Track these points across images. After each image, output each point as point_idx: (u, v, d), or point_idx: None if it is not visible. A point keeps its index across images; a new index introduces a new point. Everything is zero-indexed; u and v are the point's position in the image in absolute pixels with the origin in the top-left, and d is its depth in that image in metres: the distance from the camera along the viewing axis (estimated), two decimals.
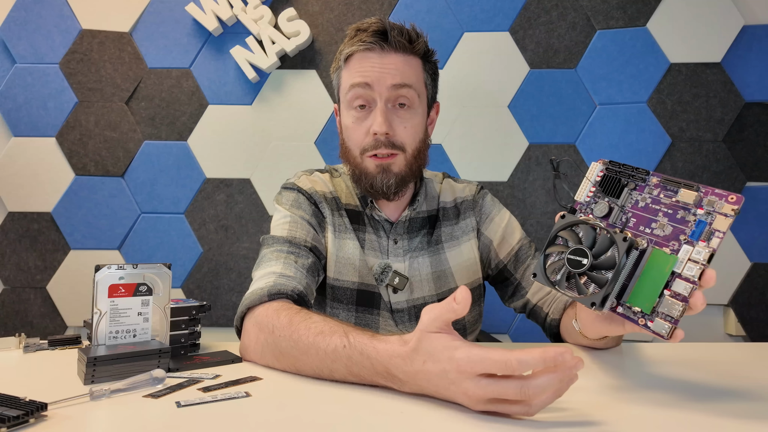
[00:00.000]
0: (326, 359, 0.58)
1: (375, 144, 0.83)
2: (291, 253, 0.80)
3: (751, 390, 0.55)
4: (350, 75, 0.85)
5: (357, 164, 0.87)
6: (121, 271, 0.65)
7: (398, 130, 0.84)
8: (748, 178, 1.48)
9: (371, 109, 0.84)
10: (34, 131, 1.57)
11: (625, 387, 0.57)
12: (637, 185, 0.54)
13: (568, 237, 0.54)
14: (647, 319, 0.49)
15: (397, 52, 0.84)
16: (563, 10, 1.54)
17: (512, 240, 0.94)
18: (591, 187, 0.57)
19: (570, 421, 0.46)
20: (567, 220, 0.55)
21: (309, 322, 0.62)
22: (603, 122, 1.51)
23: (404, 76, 0.84)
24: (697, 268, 0.47)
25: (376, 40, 0.83)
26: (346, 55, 0.85)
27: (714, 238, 0.47)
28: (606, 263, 0.50)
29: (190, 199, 1.57)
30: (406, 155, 0.85)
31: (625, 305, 0.50)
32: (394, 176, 0.85)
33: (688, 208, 0.50)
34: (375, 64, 0.83)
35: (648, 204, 0.53)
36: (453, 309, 0.48)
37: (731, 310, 1.47)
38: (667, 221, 0.51)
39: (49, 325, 1.55)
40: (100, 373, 0.58)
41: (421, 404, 0.50)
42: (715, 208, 0.48)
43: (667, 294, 0.48)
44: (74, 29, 1.58)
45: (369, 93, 0.83)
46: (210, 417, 0.47)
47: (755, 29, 1.48)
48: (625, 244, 0.49)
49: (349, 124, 0.86)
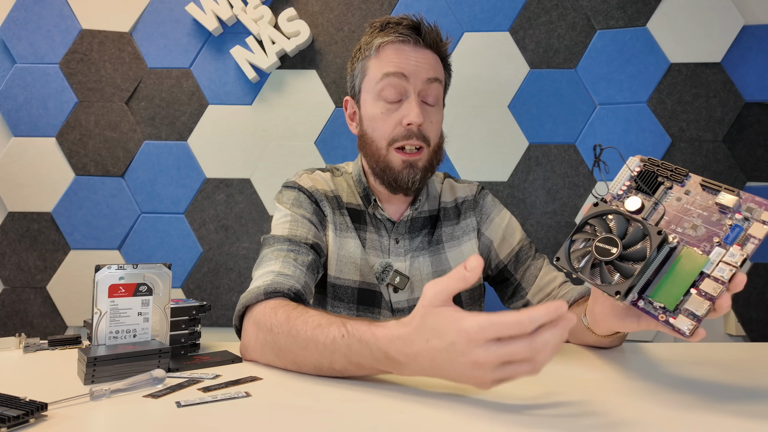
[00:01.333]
0: (325, 351, 0.58)
1: (407, 134, 0.84)
2: (291, 251, 0.81)
3: (751, 390, 0.55)
4: (383, 64, 0.85)
5: (381, 156, 0.86)
6: (121, 271, 0.65)
7: (426, 124, 0.86)
8: (748, 178, 1.48)
9: (402, 101, 0.85)
10: (34, 131, 1.57)
11: (626, 387, 0.57)
12: (674, 184, 0.54)
13: (598, 225, 0.53)
14: (669, 315, 0.48)
15: (428, 49, 0.86)
16: (563, 10, 1.54)
17: (512, 240, 0.94)
18: (626, 180, 0.57)
19: (570, 421, 0.46)
20: (600, 208, 0.54)
21: (306, 317, 0.63)
22: (603, 122, 1.51)
23: (436, 71, 0.86)
24: (728, 270, 0.46)
25: (411, 33, 0.84)
26: (379, 43, 0.85)
27: (749, 243, 0.47)
28: (636, 255, 0.50)
29: (190, 199, 1.57)
30: (429, 150, 0.87)
31: (647, 300, 0.50)
32: (420, 171, 0.86)
33: (725, 211, 0.49)
34: (411, 56, 0.84)
35: (683, 204, 0.52)
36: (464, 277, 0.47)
37: (731, 310, 1.47)
38: (701, 222, 0.50)
39: (49, 325, 1.55)
40: (100, 373, 0.58)
41: (421, 404, 0.50)
42: (753, 215, 0.48)
43: (693, 292, 0.47)
44: (74, 29, 1.58)
45: (404, 84, 0.84)
46: (210, 417, 0.47)
47: (755, 29, 1.48)
48: (659, 237, 0.49)
49: (377, 114, 0.86)
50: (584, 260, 0.53)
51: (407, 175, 0.85)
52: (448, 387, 0.56)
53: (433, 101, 0.87)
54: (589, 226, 0.54)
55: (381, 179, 0.88)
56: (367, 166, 0.92)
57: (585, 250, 0.53)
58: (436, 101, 0.87)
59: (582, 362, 0.68)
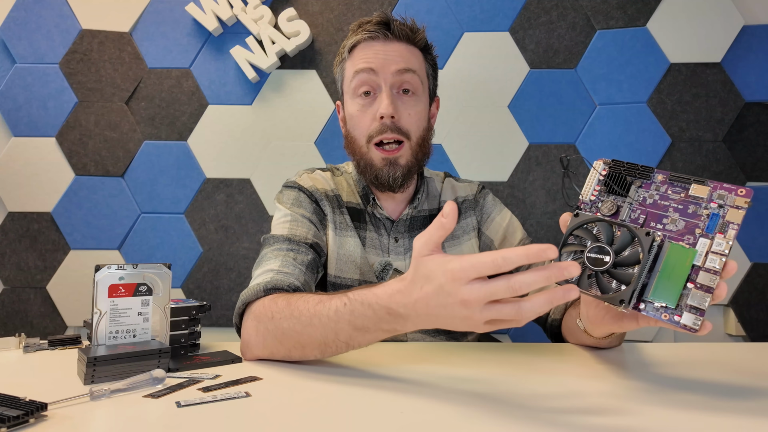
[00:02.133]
0: (329, 323, 0.59)
1: (381, 128, 0.84)
2: (290, 250, 0.81)
3: (751, 390, 0.55)
4: (354, 63, 0.86)
5: (362, 154, 0.87)
6: (121, 271, 0.65)
7: (403, 116, 0.86)
8: (748, 178, 1.48)
9: (376, 95, 0.86)
10: (34, 131, 1.57)
11: (626, 387, 0.57)
12: (643, 182, 0.54)
13: (583, 235, 0.53)
14: (672, 314, 0.48)
15: (399, 41, 0.86)
16: (563, 10, 1.54)
17: (513, 240, 0.94)
18: (596, 185, 0.57)
19: (570, 421, 0.46)
20: (581, 218, 0.54)
21: (307, 297, 0.64)
22: (603, 122, 1.51)
23: (408, 62, 0.86)
24: (719, 259, 0.47)
25: (379, 29, 0.85)
26: (350, 45, 0.87)
27: (730, 230, 0.48)
28: (629, 260, 0.50)
29: (190, 199, 1.57)
30: (411, 143, 0.87)
31: (648, 301, 0.50)
32: (401, 168, 0.86)
33: (699, 202, 0.50)
34: (379, 51, 0.85)
35: (656, 200, 0.53)
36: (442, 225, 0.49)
37: (731, 310, 1.47)
38: (678, 216, 0.51)
39: (49, 325, 1.55)
40: (100, 373, 0.58)
41: (421, 404, 0.50)
42: (726, 201, 0.49)
43: (691, 287, 0.48)
44: (74, 29, 1.58)
45: (373, 78, 0.85)
46: (210, 417, 0.47)
47: (755, 29, 1.48)
48: (648, 238, 0.49)
49: (354, 112, 0.87)
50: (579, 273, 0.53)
51: (388, 173, 0.85)
52: (447, 387, 0.56)
53: (411, 91, 0.87)
54: (575, 238, 0.54)
55: (365, 176, 0.90)
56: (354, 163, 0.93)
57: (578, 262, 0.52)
58: (414, 91, 0.87)
59: (581, 362, 0.68)
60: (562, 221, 0.57)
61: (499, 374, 0.61)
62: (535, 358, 0.69)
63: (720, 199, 0.49)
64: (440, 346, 0.78)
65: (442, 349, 0.76)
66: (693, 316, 0.47)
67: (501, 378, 0.59)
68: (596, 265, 0.51)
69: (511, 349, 0.76)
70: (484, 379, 0.59)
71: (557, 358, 0.70)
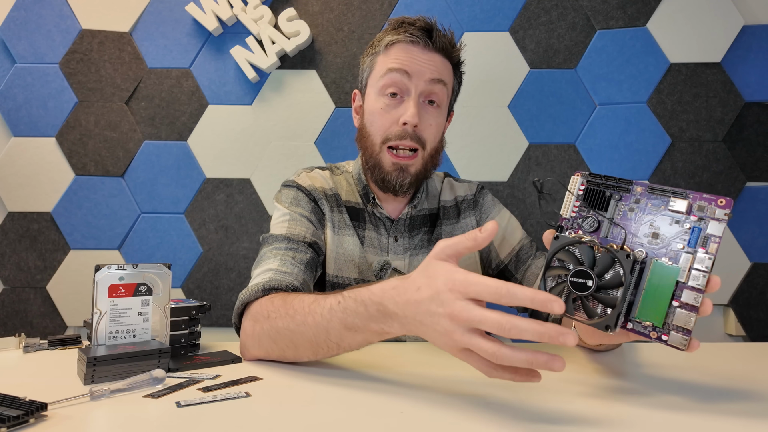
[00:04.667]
0: (322, 321, 0.58)
1: (401, 134, 0.84)
2: (289, 249, 0.81)
3: (751, 390, 0.55)
4: (389, 60, 0.85)
5: (374, 153, 0.87)
6: (121, 271, 0.65)
7: (424, 126, 0.86)
8: (748, 178, 1.48)
9: (402, 99, 0.85)
10: (34, 131, 1.57)
11: (625, 388, 0.57)
12: (622, 196, 0.53)
13: (565, 258, 0.52)
14: (660, 333, 0.48)
15: (438, 52, 0.86)
16: (563, 10, 1.54)
17: (513, 240, 0.94)
18: (575, 201, 0.56)
19: (569, 421, 0.46)
20: (561, 241, 0.53)
21: (303, 296, 0.64)
22: (603, 122, 1.51)
23: (441, 74, 0.86)
24: (702, 276, 0.46)
25: (422, 35, 0.85)
26: (388, 41, 0.86)
27: (711, 243, 0.47)
28: (611, 282, 0.49)
29: (190, 199, 1.57)
30: (424, 153, 0.87)
31: (635, 320, 0.49)
32: (410, 176, 0.86)
33: (680, 215, 0.49)
34: (417, 56, 0.85)
35: (636, 213, 0.52)
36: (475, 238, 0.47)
37: (731, 310, 1.47)
38: (659, 230, 0.50)
39: (49, 325, 1.55)
40: (100, 373, 0.58)
41: (421, 404, 0.50)
42: (706, 213, 0.48)
43: (676, 305, 0.47)
44: (74, 29, 1.58)
45: (405, 82, 0.84)
46: (210, 417, 0.47)
47: (755, 29, 1.48)
48: (629, 261, 0.48)
49: (376, 110, 0.86)
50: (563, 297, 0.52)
51: (396, 178, 0.85)
52: (447, 387, 0.56)
53: (436, 103, 0.87)
54: (557, 260, 0.53)
55: (371, 175, 0.89)
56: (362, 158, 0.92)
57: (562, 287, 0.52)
58: (440, 103, 0.87)
59: (580, 362, 0.68)
60: (546, 240, 0.56)
61: None
62: None
63: (700, 211, 0.48)
64: None
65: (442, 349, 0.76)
66: (680, 336, 0.47)
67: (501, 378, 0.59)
68: (580, 289, 0.50)
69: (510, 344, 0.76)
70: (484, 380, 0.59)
71: None
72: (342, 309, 0.57)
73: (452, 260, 0.49)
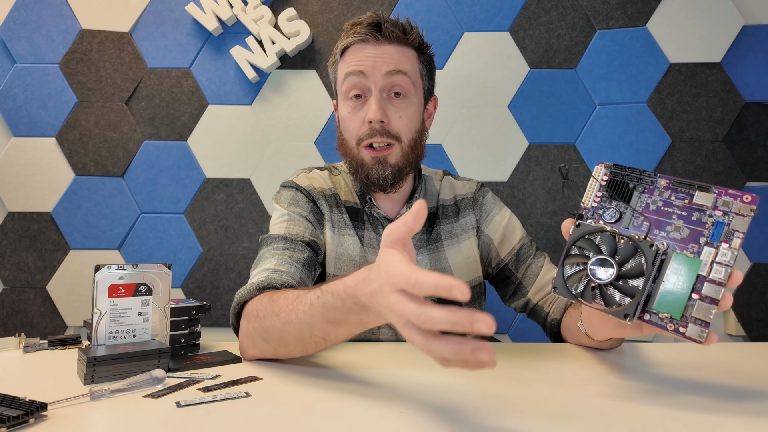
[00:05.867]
0: (305, 318, 0.58)
1: (370, 133, 0.84)
2: (286, 249, 0.81)
3: (751, 390, 0.55)
4: (345, 65, 0.86)
5: (353, 155, 0.87)
6: (121, 271, 0.65)
7: (393, 119, 0.85)
8: (748, 178, 1.48)
9: (366, 98, 0.85)
10: (34, 131, 1.57)
11: (626, 387, 0.57)
12: (646, 188, 0.53)
13: (586, 246, 0.52)
14: (678, 325, 0.48)
15: (391, 43, 0.85)
16: (563, 10, 1.54)
17: (513, 239, 0.94)
18: (597, 191, 0.55)
19: (569, 421, 0.46)
20: (583, 229, 0.53)
21: (288, 293, 0.63)
22: (603, 122, 1.51)
23: (398, 64, 0.85)
24: (724, 270, 0.46)
25: (370, 31, 0.84)
26: (342, 47, 0.87)
27: (735, 238, 0.47)
28: (633, 272, 0.49)
29: (190, 199, 1.57)
30: (402, 145, 0.86)
31: (652, 312, 0.49)
32: (390, 167, 0.85)
33: (704, 209, 0.49)
34: (369, 54, 0.84)
35: (660, 207, 0.52)
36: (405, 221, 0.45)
37: (731, 310, 1.47)
38: (682, 224, 0.50)
39: (49, 325, 1.55)
40: (100, 373, 0.58)
41: (421, 404, 0.50)
42: (731, 208, 0.48)
43: (696, 298, 0.47)
44: (74, 29, 1.58)
45: (363, 81, 0.84)
46: (210, 417, 0.47)
47: (755, 29, 1.48)
48: (652, 250, 0.48)
49: (345, 115, 0.87)
50: (582, 284, 0.52)
51: (377, 171, 0.85)
52: (447, 387, 0.56)
53: (402, 94, 0.85)
54: (577, 248, 0.53)
55: (356, 177, 0.89)
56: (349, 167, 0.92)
57: (581, 274, 0.52)
58: (405, 93, 0.86)
59: (581, 363, 0.68)
60: (564, 228, 0.56)
61: (499, 374, 0.61)
62: (534, 358, 0.69)
63: (725, 206, 0.48)
64: None
65: None
66: (698, 328, 0.47)
67: (500, 378, 0.59)
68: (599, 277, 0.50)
69: (510, 349, 0.76)
70: (484, 379, 0.59)
71: (557, 358, 0.70)
72: (321, 304, 0.56)
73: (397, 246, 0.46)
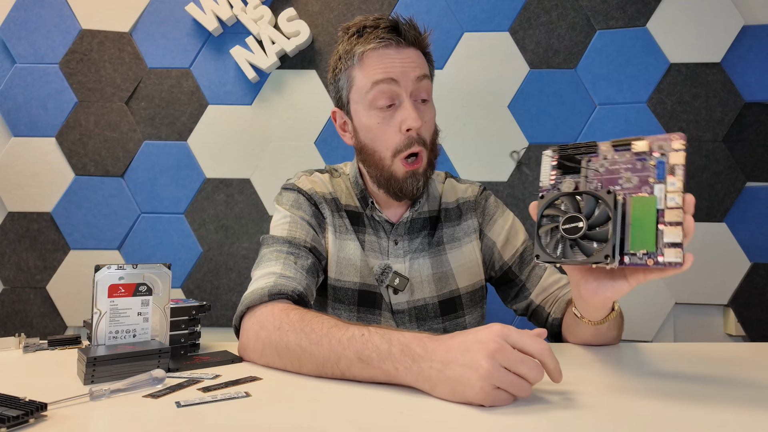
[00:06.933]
0: (338, 347, 0.59)
1: (409, 142, 0.82)
2: (291, 253, 0.81)
3: (751, 390, 0.55)
4: (370, 72, 0.82)
5: (385, 167, 0.84)
6: (120, 271, 0.65)
7: (424, 126, 0.84)
8: (748, 178, 1.48)
9: (396, 106, 0.82)
10: (34, 131, 1.57)
11: (625, 387, 0.57)
12: (591, 156, 0.58)
13: (554, 213, 0.57)
14: (655, 256, 0.52)
15: (410, 47, 0.84)
16: (563, 10, 1.54)
17: (516, 242, 0.94)
18: (551, 171, 0.61)
19: (569, 421, 0.46)
20: (547, 197, 0.58)
21: (322, 318, 0.64)
22: (603, 122, 1.51)
23: (423, 68, 0.84)
24: (677, 195, 0.51)
25: (392, 35, 0.81)
26: (360, 52, 0.82)
27: (677, 170, 0.52)
28: (600, 219, 0.54)
29: (190, 199, 1.57)
30: (427, 151, 0.85)
31: (630, 254, 0.53)
32: (422, 177, 0.85)
33: (644, 157, 0.54)
34: (395, 59, 0.81)
35: (607, 167, 0.57)
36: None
37: (731, 310, 1.47)
38: (631, 174, 0.55)
39: (49, 325, 1.55)
40: (100, 373, 0.58)
41: (421, 404, 0.50)
42: (665, 149, 0.53)
43: (663, 228, 0.52)
44: (74, 29, 1.58)
45: (394, 89, 0.81)
46: (210, 417, 0.47)
47: (755, 29, 1.48)
48: (611, 196, 0.54)
49: (374, 125, 0.83)
50: (560, 247, 0.57)
51: (411, 184, 0.84)
52: None
53: (426, 98, 0.85)
54: (546, 218, 0.58)
55: (386, 189, 0.86)
56: (368, 174, 0.90)
57: (556, 238, 0.57)
58: (429, 97, 0.86)
59: (580, 362, 0.68)
60: (532, 209, 0.60)
61: None
62: None
63: (660, 149, 0.53)
64: None
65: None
66: (673, 250, 0.51)
67: None
68: (573, 233, 0.55)
69: None
70: None
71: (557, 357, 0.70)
72: (363, 341, 0.57)
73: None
